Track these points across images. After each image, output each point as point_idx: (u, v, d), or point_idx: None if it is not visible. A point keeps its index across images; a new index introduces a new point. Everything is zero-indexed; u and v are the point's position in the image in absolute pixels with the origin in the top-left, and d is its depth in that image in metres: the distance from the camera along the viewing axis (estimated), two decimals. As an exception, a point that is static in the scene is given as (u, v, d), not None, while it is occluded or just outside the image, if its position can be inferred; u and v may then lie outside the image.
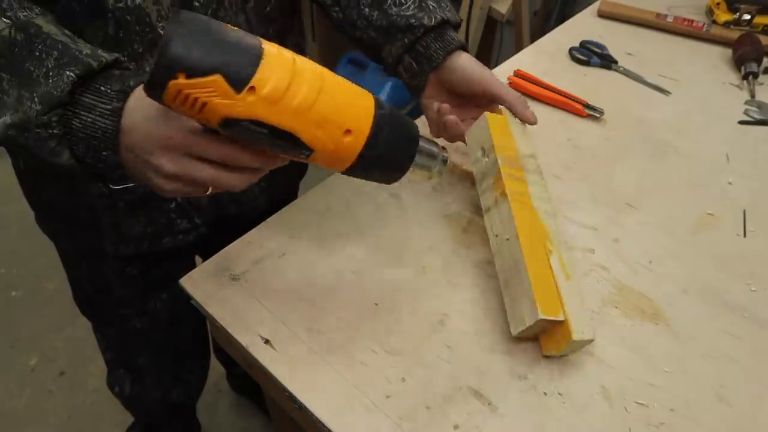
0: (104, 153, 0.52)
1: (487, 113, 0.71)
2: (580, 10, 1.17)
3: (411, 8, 0.72)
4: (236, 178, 0.52)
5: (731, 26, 1.07)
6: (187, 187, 0.52)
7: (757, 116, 0.93)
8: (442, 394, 0.59)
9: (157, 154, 0.50)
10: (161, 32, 0.62)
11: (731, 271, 0.71)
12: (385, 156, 0.53)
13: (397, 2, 0.73)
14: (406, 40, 0.72)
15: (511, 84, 0.96)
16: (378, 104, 0.52)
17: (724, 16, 1.07)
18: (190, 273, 0.69)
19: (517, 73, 0.97)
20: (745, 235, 0.75)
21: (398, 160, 0.55)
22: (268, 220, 0.75)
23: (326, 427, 0.57)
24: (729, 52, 1.04)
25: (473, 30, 1.72)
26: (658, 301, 0.68)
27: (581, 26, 1.12)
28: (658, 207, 0.78)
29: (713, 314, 0.67)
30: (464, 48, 0.74)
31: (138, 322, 0.94)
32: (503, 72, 0.99)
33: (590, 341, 0.59)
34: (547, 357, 0.62)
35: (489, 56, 1.95)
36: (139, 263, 0.86)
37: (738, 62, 1.01)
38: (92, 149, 0.52)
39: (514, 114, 0.73)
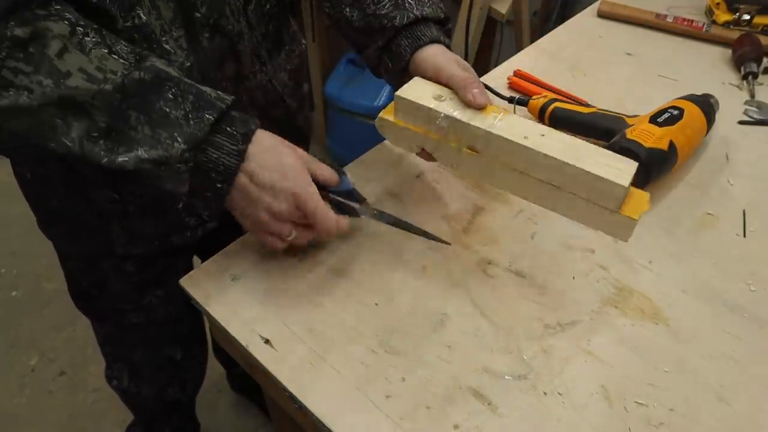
0: (219, 185, 0.59)
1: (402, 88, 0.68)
2: (580, 10, 1.17)
3: (387, 5, 0.72)
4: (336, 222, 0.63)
5: (731, 26, 1.07)
6: (283, 227, 0.62)
7: (757, 116, 0.93)
8: (442, 394, 0.59)
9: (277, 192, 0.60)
10: (165, 46, 0.64)
11: (731, 271, 0.71)
12: None
13: (375, 0, 0.72)
14: (380, 42, 0.73)
15: (512, 84, 0.96)
16: None
17: (723, 16, 1.07)
18: (190, 273, 0.69)
19: (517, 73, 0.97)
20: (745, 235, 0.75)
21: None
22: (268, 220, 0.75)
23: (326, 427, 0.57)
24: (729, 52, 1.04)
25: (473, 30, 1.72)
26: (657, 301, 0.68)
27: (581, 26, 1.12)
28: (658, 207, 0.79)
29: (713, 314, 0.67)
30: (439, 41, 0.72)
31: (134, 317, 0.95)
32: (503, 72, 0.99)
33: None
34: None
35: (489, 56, 1.95)
36: (136, 260, 0.86)
37: (738, 62, 1.01)
38: (209, 181, 0.59)
39: (459, 95, 0.67)
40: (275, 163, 0.60)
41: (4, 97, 0.53)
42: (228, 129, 0.58)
